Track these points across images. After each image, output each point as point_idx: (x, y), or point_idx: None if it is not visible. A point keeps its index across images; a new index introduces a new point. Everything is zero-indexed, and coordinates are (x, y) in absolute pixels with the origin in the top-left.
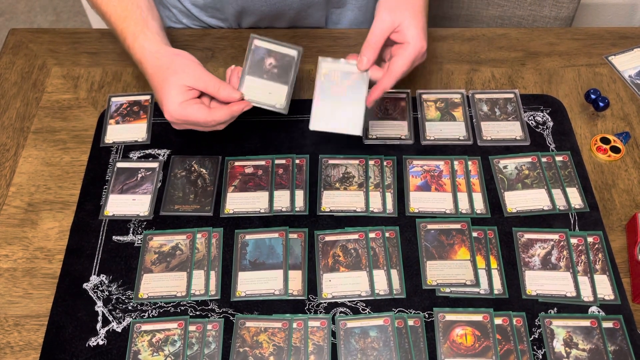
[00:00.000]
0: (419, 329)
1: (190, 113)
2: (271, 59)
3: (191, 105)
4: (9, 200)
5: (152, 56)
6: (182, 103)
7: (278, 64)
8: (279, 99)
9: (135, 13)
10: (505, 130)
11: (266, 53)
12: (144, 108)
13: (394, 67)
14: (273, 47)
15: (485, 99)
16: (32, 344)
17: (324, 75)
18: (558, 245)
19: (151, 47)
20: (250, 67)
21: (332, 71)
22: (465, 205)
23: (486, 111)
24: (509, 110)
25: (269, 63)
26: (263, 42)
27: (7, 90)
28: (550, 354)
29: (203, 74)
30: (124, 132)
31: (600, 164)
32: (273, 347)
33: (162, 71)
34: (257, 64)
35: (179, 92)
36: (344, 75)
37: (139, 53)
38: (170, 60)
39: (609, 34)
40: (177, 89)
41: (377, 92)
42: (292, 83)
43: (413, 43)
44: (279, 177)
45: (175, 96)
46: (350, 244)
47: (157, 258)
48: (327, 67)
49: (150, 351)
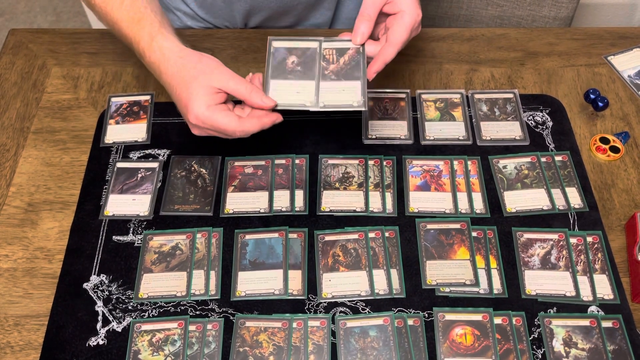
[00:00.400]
0: (419, 328)
1: (218, 119)
2: (293, 57)
3: (220, 111)
4: (9, 201)
5: (175, 55)
6: (210, 107)
7: (301, 60)
8: (308, 97)
9: (150, 16)
10: (505, 130)
11: (287, 52)
12: (143, 108)
13: (393, 37)
14: (293, 44)
15: (484, 99)
16: (32, 343)
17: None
18: (557, 245)
19: (172, 47)
20: (274, 70)
21: (327, 49)
22: (465, 205)
23: (485, 111)
24: (509, 110)
25: (292, 62)
26: (282, 41)
27: (7, 91)
28: (550, 353)
29: (233, 77)
30: (124, 132)
31: (599, 164)
32: (273, 346)
33: (187, 71)
34: (279, 65)
35: (207, 94)
36: (339, 51)
37: (157, 52)
38: (197, 59)
39: (608, 34)
40: (205, 90)
41: (379, 64)
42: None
43: (408, 11)
44: (279, 177)
45: (204, 98)
46: (350, 244)
47: (157, 258)
48: (324, 45)
49: (151, 351)
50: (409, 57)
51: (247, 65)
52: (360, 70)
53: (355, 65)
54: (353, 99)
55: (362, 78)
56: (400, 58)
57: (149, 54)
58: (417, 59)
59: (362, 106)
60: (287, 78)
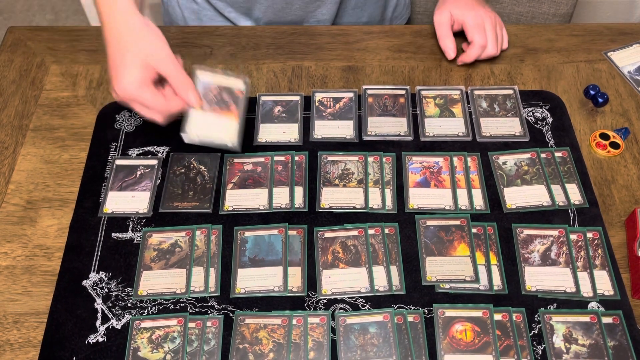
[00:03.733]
0: (419, 325)
1: (146, 98)
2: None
3: (149, 89)
4: (7, 198)
5: (121, 18)
6: (140, 83)
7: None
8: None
9: None
10: (505, 126)
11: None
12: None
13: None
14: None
15: (484, 95)
16: (31, 341)
17: (201, 83)
18: (557, 241)
19: (127, 9)
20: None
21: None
22: (465, 202)
23: (485, 107)
24: (508, 106)
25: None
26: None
27: (5, 88)
28: (550, 349)
29: (167, 57)
30: None
31: (599, 160)
32: (273, 343)
33: (131, 39)
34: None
35: (140, 69)
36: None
37: (105, 13)
38: (139, 29)
39: (608, 30)
40: (139, 65)
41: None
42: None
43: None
44: (278, 174)
45: (136, 72)
46: (350, 241)
47: (157, 255)
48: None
49: (150, 348)
50: (408, 54)
51: (245, 63)
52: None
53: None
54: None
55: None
56: (400, 55)
57: (100, 14)
58: (416, 56)
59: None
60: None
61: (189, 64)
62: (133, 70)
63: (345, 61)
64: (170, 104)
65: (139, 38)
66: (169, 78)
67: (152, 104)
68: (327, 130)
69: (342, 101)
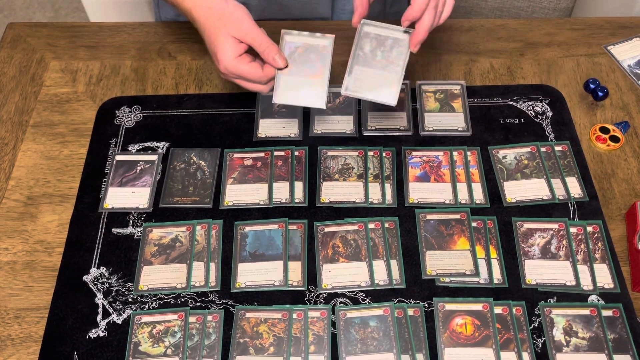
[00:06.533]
0: (419, 318)
1: (244, 70)
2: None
3: (246, 62)
4: (8, 194)
5: (200, 3)
6: (236, 58)
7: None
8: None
9: None
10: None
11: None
12: None
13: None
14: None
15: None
16: (32, 336)
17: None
18: (557, 235)
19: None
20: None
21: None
22: (465, 196)
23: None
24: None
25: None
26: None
27: (5, 84)
28: (550, 342)
29: (251, 29)
30: None
31: (599, 154)
32: (273, 337)
33: (213, 21)
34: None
35: (232, 46)
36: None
37: (186, 2)
38: (221, 8)
39: (607, 23)
40: (230, 43)
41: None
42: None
43: None
44: (278, 169)
45: (230, 50)
46: (350, 235)
47: (157, 250)
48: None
49: (151, 342)
50: None
51: None
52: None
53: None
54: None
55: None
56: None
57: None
58: None
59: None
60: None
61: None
62: (227, 48)
63: (344, 56)
64: (267, 71)
65: (222, 15)
66: (255, 46)
67: (250, 75)
68: (326, 125)
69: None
